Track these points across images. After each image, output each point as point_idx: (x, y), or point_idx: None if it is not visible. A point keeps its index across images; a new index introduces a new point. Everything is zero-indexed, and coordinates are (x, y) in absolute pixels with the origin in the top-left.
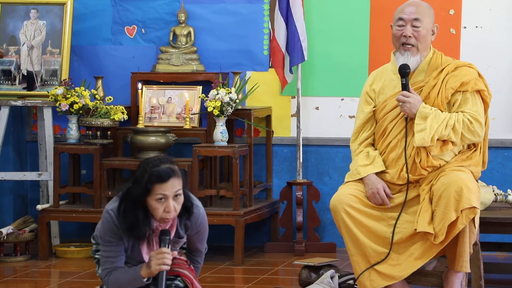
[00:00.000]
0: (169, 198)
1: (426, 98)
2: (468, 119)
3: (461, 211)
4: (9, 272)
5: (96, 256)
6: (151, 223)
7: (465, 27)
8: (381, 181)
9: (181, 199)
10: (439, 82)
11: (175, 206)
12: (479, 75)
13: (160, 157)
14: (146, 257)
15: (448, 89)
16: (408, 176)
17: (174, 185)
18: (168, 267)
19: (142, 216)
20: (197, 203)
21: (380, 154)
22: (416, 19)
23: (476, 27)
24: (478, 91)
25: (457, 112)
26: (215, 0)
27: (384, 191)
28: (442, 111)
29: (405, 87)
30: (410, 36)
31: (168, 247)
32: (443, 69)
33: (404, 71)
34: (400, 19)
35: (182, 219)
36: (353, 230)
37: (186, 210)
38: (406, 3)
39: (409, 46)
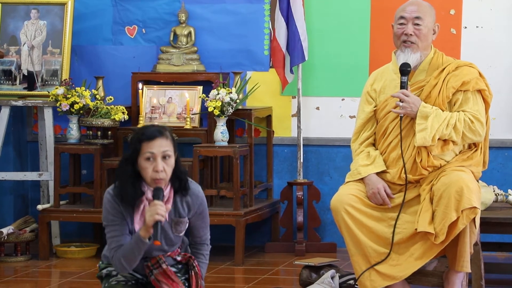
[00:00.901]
0: (157, 157)
1: (427, 97)
2: (469, 118)
3: (462, 211)
4: (10, 272)
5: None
6: (143, 188)
7: (465, 27)
8: (382, 181)
9: (171, 161)
10: (440, 82)
11: (164, 167)
12: (480, 74)
13: (153, 124)
14: (137, 227)
15: (449, 89)
16: (406, 176)
17: (162, 145)
18: (162, 218)
19: (133, 180)
20: (192, 181)
21: (381, 154)
22: (417, 18)
23: (477, 27)
24: (479, 91)
25: (458, 112)
26: (216, 0)
27: (385, 191)
28: (443, 111)
29: (404, 85)
30: (411, 34)
31: (162, 200)
32: (444, 69)
33: (404, 69)
34: (402, 17)
35: (182, 197)
36: (353, 230)
37: (181, 183)
38: (407, 2)
39: (410, 43)
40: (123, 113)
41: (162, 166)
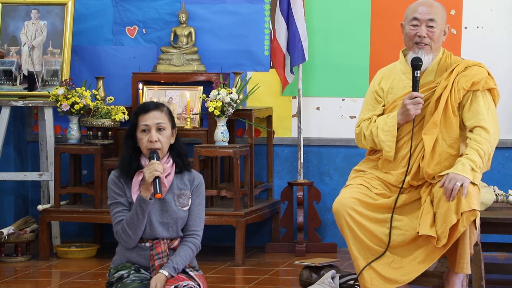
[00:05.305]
0: (151, 129)
1: (438, 99)
2: (486, 149)
3: (462, 213)
4: (10, 273)
5: None
6: (141, 161)
7: (466, 28)
8: (404, 98)
9: (166, 133)
10: (449, 83)
11: (159, 138)
12: (489, 74)
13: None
14: (135, 198)
15: (460, 90)
16: (405, 178)
17: (156, 117)
18: (159, 173)
19: (132, 153)
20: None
21: None
22: (431, 20)
23: (477, 27)
24: (489, 90)
25: (474, 144)
26: (216, 0)
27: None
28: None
29: (417, 80)
30: (424, 37)
31: (157, 160)
32: (453, 70)
33: (416, 64)
34: (415, 18)
35: (183, 175)
36: (358, 233)
37: (183, 160)
38: (419, 2)
39: (423, 45)
40: (123, 113)
41: (156, 137)
